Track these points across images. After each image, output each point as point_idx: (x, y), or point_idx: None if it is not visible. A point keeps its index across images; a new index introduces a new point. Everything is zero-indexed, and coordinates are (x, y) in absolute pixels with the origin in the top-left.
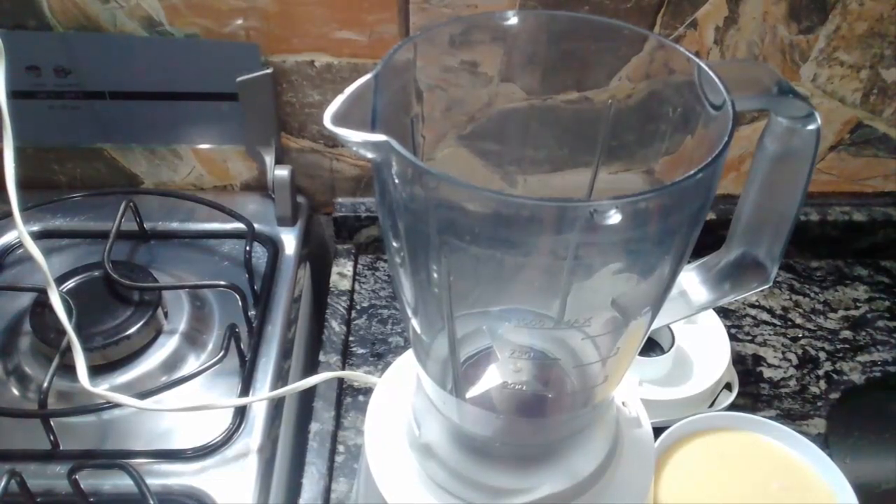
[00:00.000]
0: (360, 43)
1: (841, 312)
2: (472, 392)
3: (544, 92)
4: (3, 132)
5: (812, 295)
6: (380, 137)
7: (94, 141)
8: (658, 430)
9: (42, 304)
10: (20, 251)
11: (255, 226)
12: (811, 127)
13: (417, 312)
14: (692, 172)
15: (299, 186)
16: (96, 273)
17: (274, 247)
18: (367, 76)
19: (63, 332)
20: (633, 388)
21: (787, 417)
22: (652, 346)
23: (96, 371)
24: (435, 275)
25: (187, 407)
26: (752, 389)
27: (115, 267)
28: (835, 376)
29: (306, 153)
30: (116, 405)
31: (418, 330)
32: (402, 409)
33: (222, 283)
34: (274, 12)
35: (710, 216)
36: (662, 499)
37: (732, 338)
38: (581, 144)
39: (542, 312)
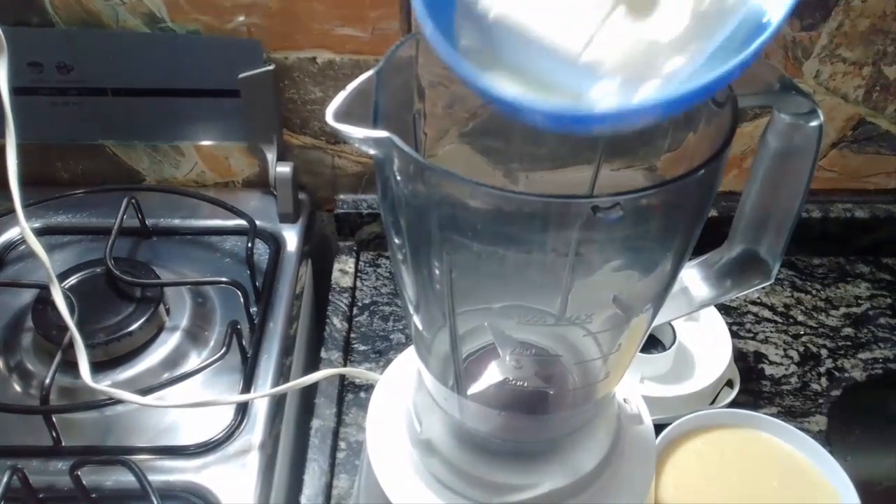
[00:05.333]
0: (362, 39)
1: (842, 310)
2: (474, 389)
3: None
4: (5, 129)
5: (814, 292)
6: (381, 134)
7: (97, 137)
8: (659, 427)
9: (44, 300)
10: (22, 247)
11: (257, 222)
12: (813, 123)
13: (419, 309)
14: (694, 169)
15: (301, 183)
16: (98, 269)
17: (276, 243)
18: (369, 73)
19: (65, 329)
20: (635, 385)
21: (789, 414)
22: (653, 343)
23: (98, 367)
24: (437, 271)
25: (189, 403)
26: (753, 386)
27: (117, 263)
28: (836, 373)
29: (308, 150)
30: (118, 401)
31: (420, 326)
32: (404, 406)
33: (224, 279)
34: (276, 9)
35: (712, 213)
36: (663, 495)
37: (734, 335)
38: (583, 141)
39: (543, 309)
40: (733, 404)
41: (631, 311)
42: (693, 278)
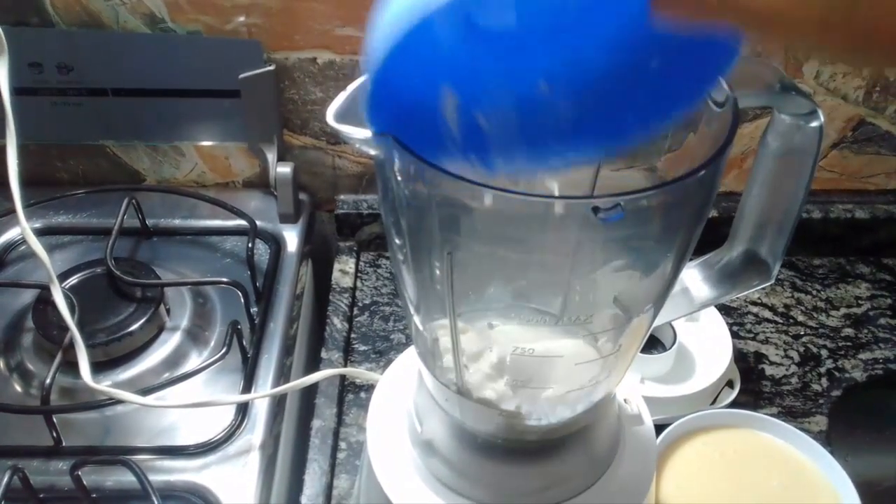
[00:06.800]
0: (363, 39)
1: (843, 310)
2: (474, 389)
3: None
4: (6, 129)
5: (814, 293)
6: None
7: (97, 138)
8: (660, 428)
9: (45, 300)
10: (23, 247)
11: (258, 223)
12: (814, 124)
13: (420, 309)
14: (694, 169)
15: (301, 184)
16: (99, 270)
17: (276, 244)
18: None
19: (65, 329)
20: (635, 386)
21: (789, 415)
22: (654, 344)
23: (99, 367)
24: (437, 272)
25: (190, 403)
26: (753, 387)
27: (118, 263)
28: (836, 374)
29: (308, 150)
30: (119, 401)
31: (420, 327)
32: (404, 406)
33: (224, 279)
34: (276, 9)
35: (713, 214)
36: (664, 496)
37: (734, 335)
38: None
39: (544, 309)
40: (734, 405)
41: (631, 312)
42: (694, 279)
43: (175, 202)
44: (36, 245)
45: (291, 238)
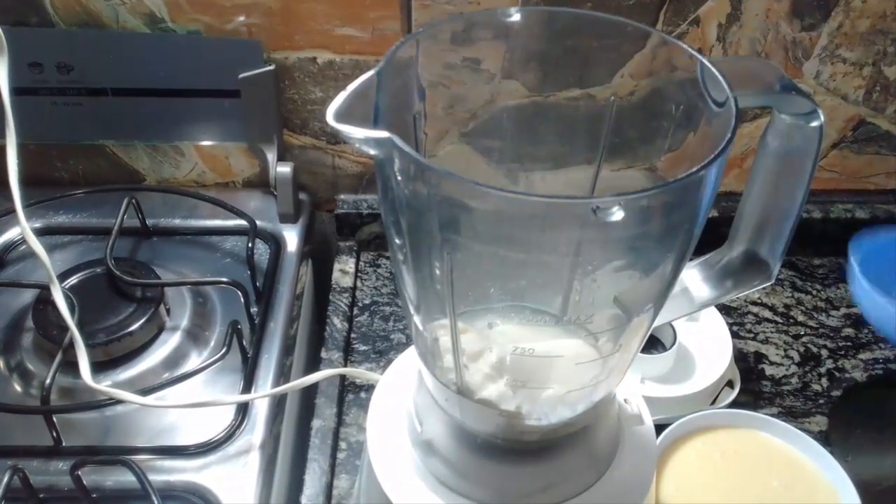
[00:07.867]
0: (363, 40)
1: (843, 310)
2: (474, 389)
3: (546, 89)
4: (6, 129)
5: (814, 292)
6: (382, 134)
7: (97, 137)
8: (660, 428)
9: (45, 300)
10: (23, 247)
11: (258, 223)
12: (814, 124)
13: (420, 309)
14: (695, 169)
15: (301, 183)
16: (99, 269)
17: (276, 244)
18: (370, 73)
19: (65, 329)
20: (636, 386)
21: (789, 415)
22: (654, 344)
23: (99, 367)
24: (437, 271)
25: (190, 403)
26: (753, 387)
27: (118, 263)
28: (836, 374)
29: (308, 150)
30: (119, 401)
31: (420, 327)
32: (404, 406)
33: (224, 279)
34: (276, 9)
35: (713, 213)
36: (664, 496)
37: (734, 335)
38: (583, 141)
39: (544, 309)
40: (734, 405)
41: (631, 312)
42: (694, 278)
43: (175, 202)
44: (36, 245)
45: (291, 238)
